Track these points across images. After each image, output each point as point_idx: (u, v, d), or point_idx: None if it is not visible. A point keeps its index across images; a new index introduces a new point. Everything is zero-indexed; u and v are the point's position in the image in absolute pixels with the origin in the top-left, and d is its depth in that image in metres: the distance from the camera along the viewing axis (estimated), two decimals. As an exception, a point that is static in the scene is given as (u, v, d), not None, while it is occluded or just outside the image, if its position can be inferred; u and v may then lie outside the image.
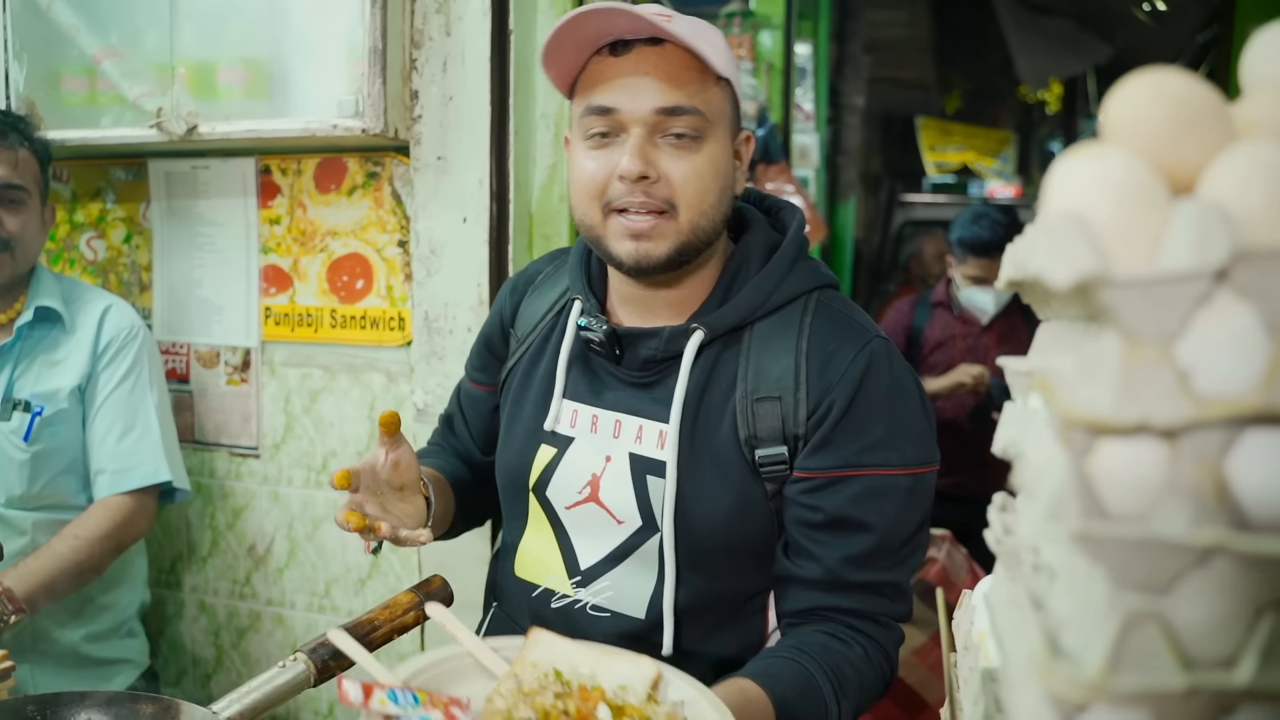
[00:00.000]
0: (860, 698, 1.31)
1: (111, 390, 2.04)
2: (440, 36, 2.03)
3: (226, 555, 2.41)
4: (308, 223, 2.25)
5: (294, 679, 1.27)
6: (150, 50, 2.23)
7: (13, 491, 1.97)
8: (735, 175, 1.34)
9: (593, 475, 1.38)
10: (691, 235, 1.28)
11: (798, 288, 1.35)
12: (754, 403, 1.30)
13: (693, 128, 1.25)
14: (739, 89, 1.36)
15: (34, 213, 2.01)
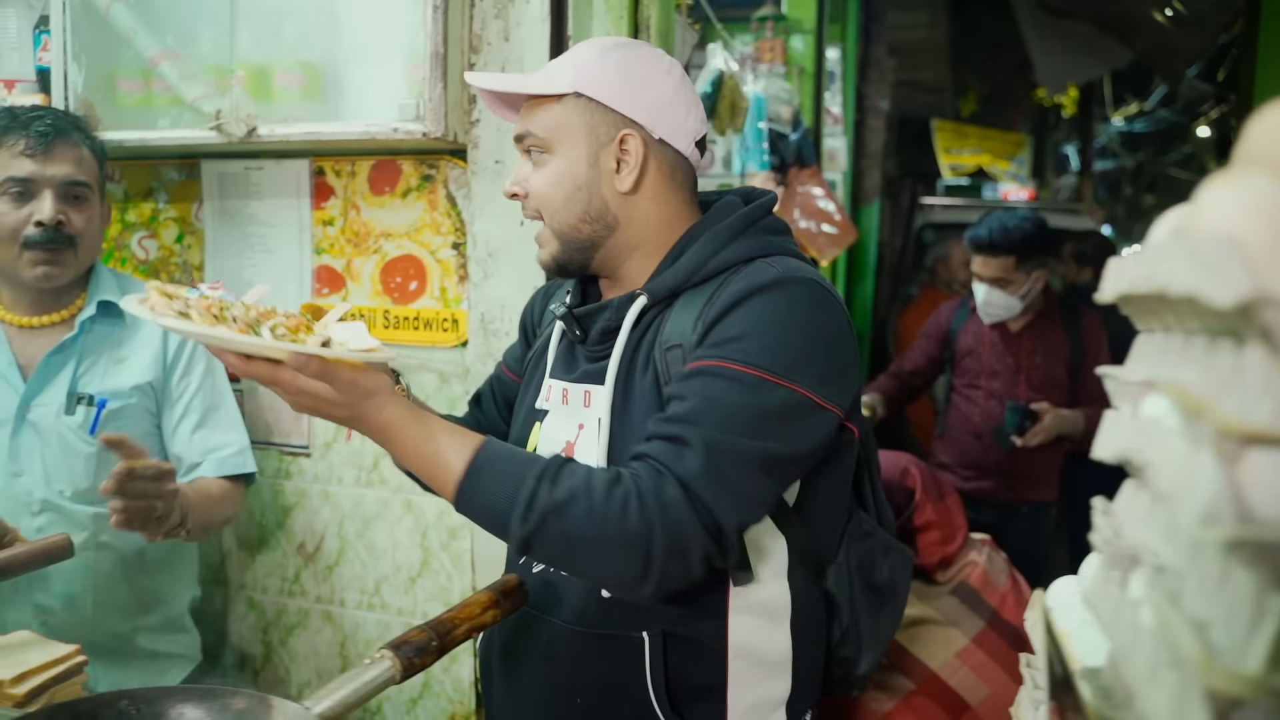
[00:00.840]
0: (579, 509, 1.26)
1: (196, 387, 2.08)
2: (499, 41, 2.06)
3: (276, 553, 2.44)
4: (361, 224, 2.28)
5: (380, 675, 1.30)
6: (207, 53, 2.27)
7: (78, 485, 1.99)
8: (600, 174, 1.43)
9: (566, 443, 1.48)
10: (558, 236, 1.46)
11: (737, 255, 1.42)
12: (665, 351, 1.40)
13: (535, 145, 1.45)
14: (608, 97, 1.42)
15: (96, 210, 2.03)
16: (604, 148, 1.43)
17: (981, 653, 2.31)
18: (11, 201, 1.94)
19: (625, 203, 1.45)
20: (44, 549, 1.73)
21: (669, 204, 1.48)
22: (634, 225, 1.46)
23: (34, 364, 2.00)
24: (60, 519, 1.98)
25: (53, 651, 1.65)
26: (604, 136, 1.43)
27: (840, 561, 1.51)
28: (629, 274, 1.50)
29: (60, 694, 1.61)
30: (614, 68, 1.44)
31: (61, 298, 2.04)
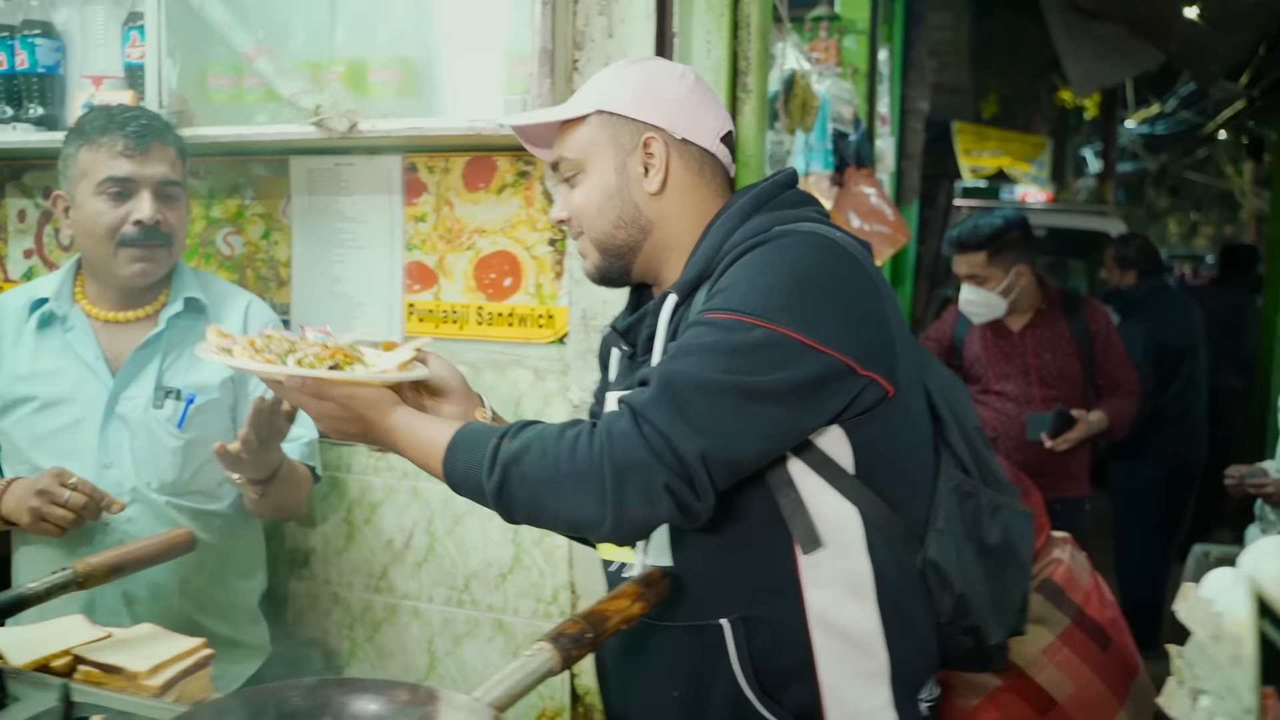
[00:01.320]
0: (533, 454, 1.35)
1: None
2: (602, 38, 2.06)
3: (363, 549, 2.44)
4: (454, 220, 2.28)
5: (541, 666, 1.30)
6: (300, 48, 2.27)
7: (164, 478, 2.01)
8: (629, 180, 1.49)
9: None
10: (598, 246, 1.52)
11: (749, 234, 1.42)
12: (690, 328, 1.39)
13: (569, 169, 1.52)
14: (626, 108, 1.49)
15: (185, 210, 2.07)
16: (629, 155, 1.49)
17: (1067, 650, 2.31)
18: (110, 200, 1.96)
19: (655, 204, 1.50)
20: (168, 543, 1.73)
21: (700, 200, 1.51)
22: (667, 225, 1.51)
23: (120, 358, 2.03)
24: (148, 510, 2.01)
25: (180, 644, 1.65)
26: (628, 144, 1.49)
27: (941, 527, 1.47)
28: (669, 275, 1.53)
29: (190, 686, 1.61)
30: (628, 80, 1.52)
31: (146, 294, 2.07)
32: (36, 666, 1.57)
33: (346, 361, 1.52)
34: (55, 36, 2.51)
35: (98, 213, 1.95)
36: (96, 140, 1.97)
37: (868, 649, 1.45)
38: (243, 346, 1.50)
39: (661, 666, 1.51)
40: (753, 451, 1.37)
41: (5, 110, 2.52)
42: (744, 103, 2.10)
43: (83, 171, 1.98)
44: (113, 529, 1.97)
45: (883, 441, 1.43)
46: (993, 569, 1.53)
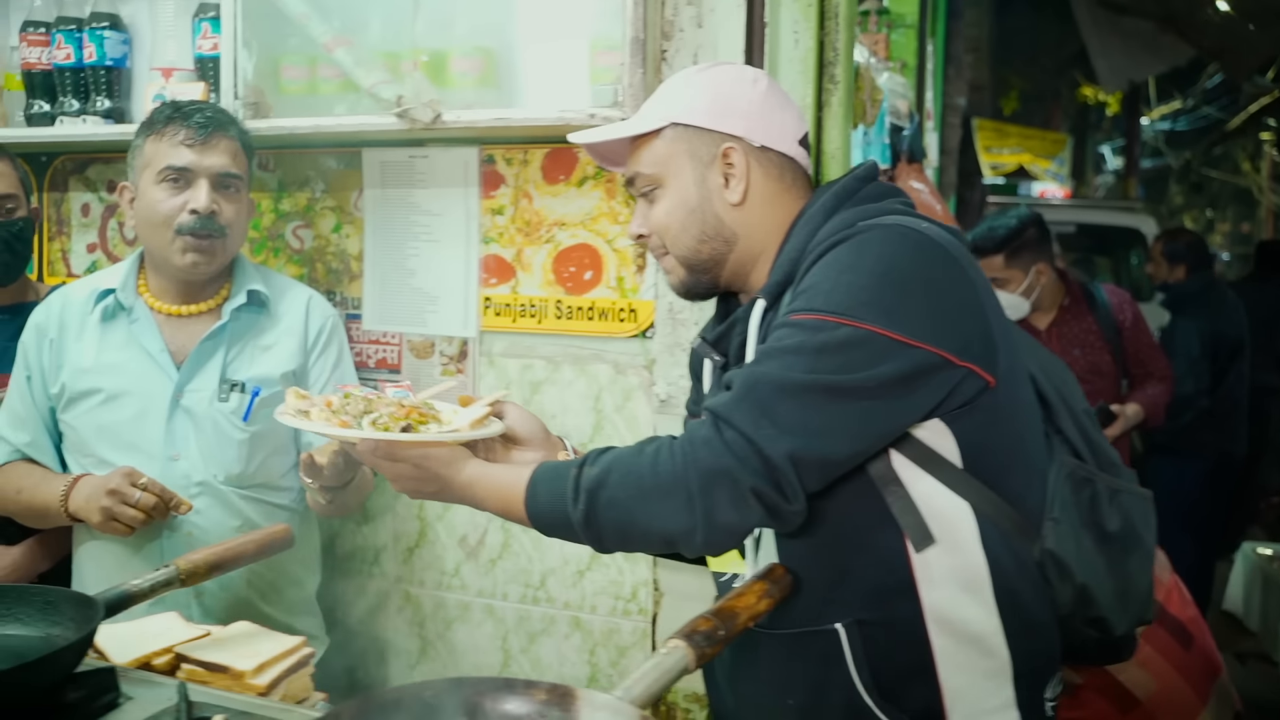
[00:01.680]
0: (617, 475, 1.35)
1: (328, 377, 2.11)
2: (691, 28, 2.03)
3: (435, 546, 2.41)
4: (533, 213, 2.25)
5: (677, 663, 1.27)
6: (377, 39, 2.24)
7: (230, 470, 2.02)
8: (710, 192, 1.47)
9: None
10: (682, 262, 1.51)
11: (832, 233, 1.40)
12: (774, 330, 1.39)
13: (646, 184, 1.51)
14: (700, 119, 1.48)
15: (244, 204, 2.07)
16: (708, 167, 1.48)
17: (1150, 648, 2.28)
18: (169, 189, 1.97)
19: (738, 214, 1.49)
20: (267, 539, 1.72)
21: (782, 206, 1.51)
22: (752, 234, 1.49)
23: (184, 351, 2.03)
24: (216, 502, 2.01)
25: (281, 642, 1.63)
26: (706, 156, 1.47)
27: (1057, 516, 1.44)
28: (756, 282, 1.52)
29: (293, 684, 1.59)
30: (700, 90, 1.50)
31: (208, 287, 2.07)
32: (139, 665, 1.55)
33: (421, 421, 1.55)
34: (123, 29, 2.49)
35: (156, 201, 1.97)
36: (161, 130, 1.99)
37: (988, 648, 1.42)
38: (320, 408, 1.56)
39: (775, 675, 1.48)
40: (844, 451, 1.34)
41: (72, 103, 2.50)
42: (831, 94, 2.07)
43: (146, 161, 2.00)
44: (181, 522, 1.97)
45: (989, 432, 1.40)
46: (1115, 556, 1.49)
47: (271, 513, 2.04)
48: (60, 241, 2.72)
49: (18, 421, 2.07)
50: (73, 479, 1.97)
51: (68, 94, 2.50)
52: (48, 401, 2.06)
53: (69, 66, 2.49)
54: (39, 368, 2.06)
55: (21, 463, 2.06)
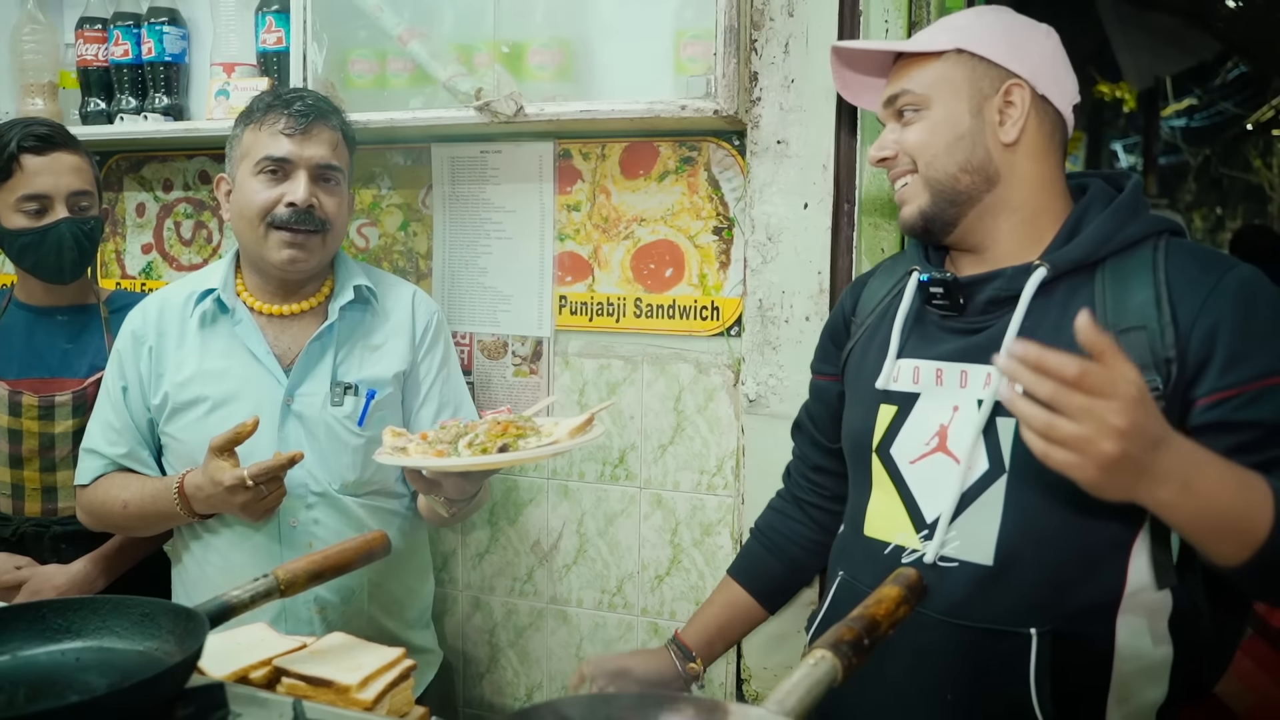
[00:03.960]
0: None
1: (434, 377, 2.01)
2: (782, 17, 1.97)
3: (506, 552, 2.35)
4: (611, 209, 2.19)
5: (825, 675, 1.21)
6: (450, 30, 2.19)
7: (346, 477, 1.92)
8: (985, 124, 1.40)
9: (940, 426, 1.43)
10: (932, 187, 1.42)
11: (1144, 229, 1.38)
12: (1118, 334, 1.31)
13: (910, 104, 1.43)
14: (990, 52, 1.40)
15: (345, 198, 1.96)
16: (987, 99, 1.41)
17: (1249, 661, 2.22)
18: (266, 180, 1.87)
19: (1007, 156, 1.41)
20: (364, 547, 1.64)
21: (1048, 165, 1.44)
22: (1013, 182, 1.42)
23: (289, 353, 1.93)
24: (334, 511, 1.92)
25: (382, 654, 1.56)
26: (988, 89, 1.41)
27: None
28: (996, 239, 1.44)
29: (396, 698, 1.53)
30: (995, 25, 1.44)
31: (309, 284, 1.97)
32: (236, 678, 1.49)
33: (519, 435, 1.55)
34: (181, 24, 2.44)
35: (252, 193, 1.86)
36: (260, 119, 1.88)
37: (1157, 678, 1.38)
38: (416, 443, 1.60)
39: (939, 667, 1.41)
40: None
41: (129, 101, 2.45)
42: (921, 85, 2.01)
43: (244, 151, 1.89)
44: (300, 530, 1.88)
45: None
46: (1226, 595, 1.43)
47: (386, 520, 1.94)
48: (115, 242, 2.67)
49: (113, 434, 1.96)
50: (177, 483, 1.86)
51: (125, 91, 2.45)
52: (146, 413, 1.95)
53: (127, 63, 2.44)
54: (137, 378, 1.95)
55: (116, 474, 1.95)
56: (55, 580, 2.13)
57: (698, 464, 2.16)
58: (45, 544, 2.18)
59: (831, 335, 1.68)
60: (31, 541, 2.18)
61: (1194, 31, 7.36)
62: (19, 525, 2.18)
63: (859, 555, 1.52)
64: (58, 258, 2.10)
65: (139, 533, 2.03)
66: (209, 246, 2.58)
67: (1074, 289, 1.37)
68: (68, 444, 2.14)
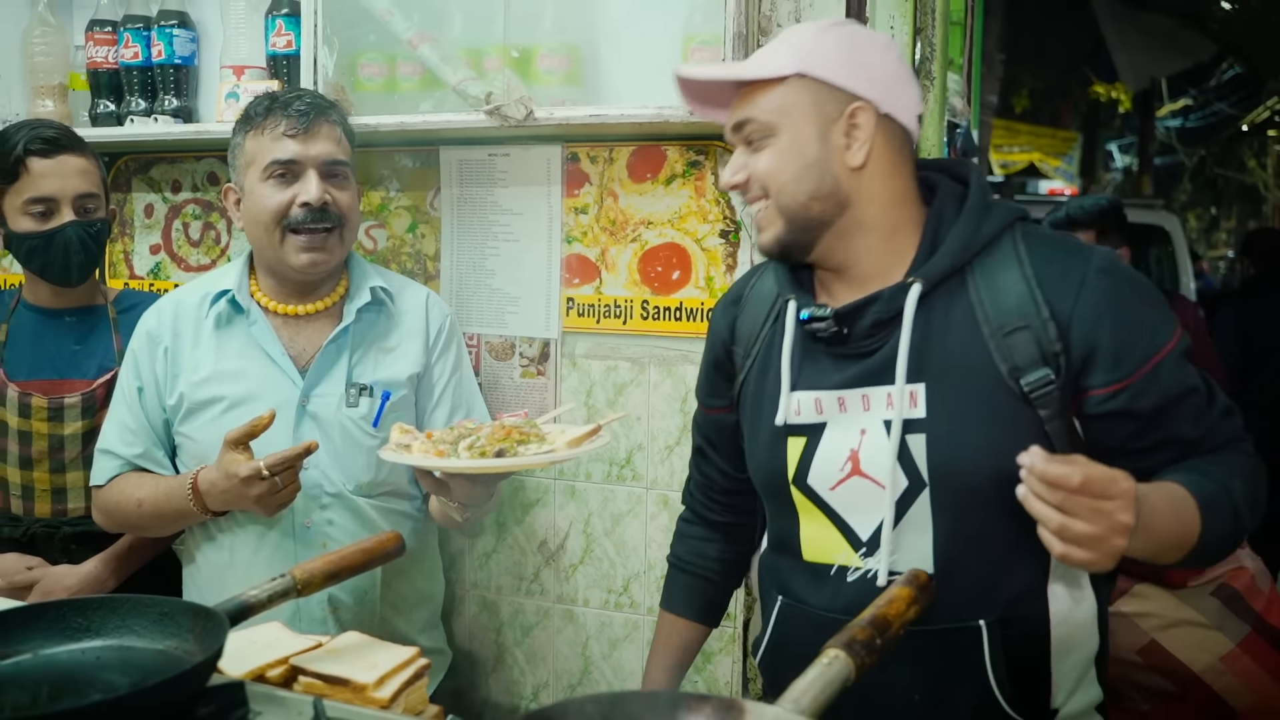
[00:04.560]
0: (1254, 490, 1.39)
1: (448, 379, 2.04)
2: (789, 23, 2.00)
3: (513, 551, 2.37)
4: (619, 212, 2.21)
5: (838, 674, 1.23)
6: (459, 35, 2.21)
7: (360, 478, 1.94)
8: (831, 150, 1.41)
9: (851, 451, 1.46)
10: (785, 214, 1.42)
11: (998, 225, 1.43)
12: (1004, 336, 1.38)
13: (757, 132, 1.42)
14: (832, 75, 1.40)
15: (355, 190, 1.98)
16: (833, 124, 1.41)
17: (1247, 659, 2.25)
18: (276, 184, 1.88)
19: (855, 179, 1.42)
20: (379, 547, 1.66)
21: (898, 179, 1.46)
22: (864, 203, 1.43)
23: (304, 354, 1.95)
24: (348, 512, 1.94)
25: (396, 653, 1.58)
26: (832, 113, 1.41)
27: None
28: (857, 257, 1.46)
29: (411, 695, 1.55)
30: (836, 45, 1.43)
31: (324, 285, 1.99)
32: (252, 677, 1.51)
33: (521, 441, 1.58)
34: (191, 27, 2.46)
35: (264, 198, 1.87)
36: (260, 125, 1.89)
37: (1088, 633, 1.49)
38: (421, 441, 1.63)
39: (906, 671, 1.46)
40: None
41: (139, 103, 2.47)
42: (927, 90, 2.05)
43: (249, 159, 1.90)
44: (314, 530, 1.90)
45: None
46: None
47: (398, 521, 1.96)
48: (123, 243, 2.68)
49: (129, 435, 1.97)
50: (191, 480, 1.86)
51: (135, 93, 2.47)
52: (162, 413, 1.97)
53: (136, 65, 2.46)
54: (152, 378, 1.97)
55: (131, 474, 1.97)
56: (66, 581, 2.15)
57: (704, 465, 2.18)
58: (56, 544, 2.19)
59: (716, 368, 1.67)
60: (42, 542, 2.20)
61: (1190, 33, 7.41)
62: (29, 526, 2.19)
63: (800, 580, 1.55)
64: (65, 261, 2.11)
65: (154, 532, 2.04)
66: (217, 248, 2.60)
67: (949, 296, 1.42)
68: (77, 445, 2.16)
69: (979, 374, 1.39)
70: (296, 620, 1.85)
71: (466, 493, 1.70)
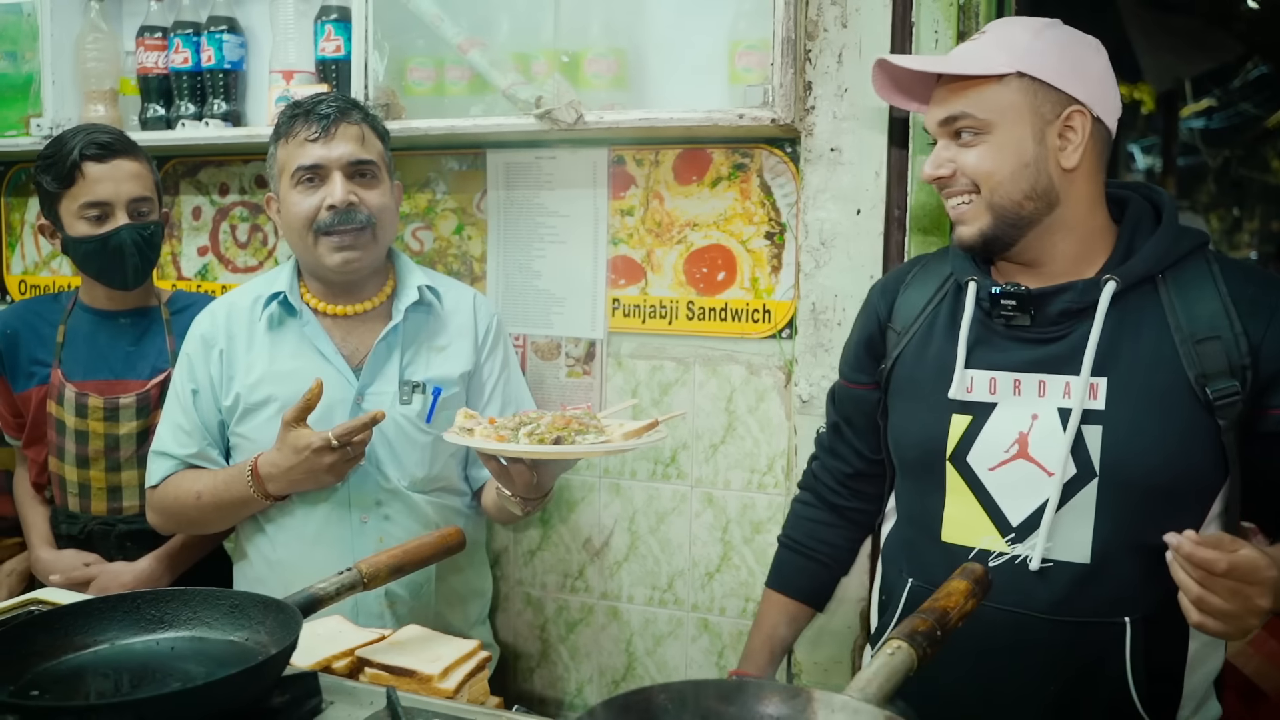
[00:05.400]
0: None
1: (497, 377, 2.07)
2: (835, 28, 2.02)
3: (558, 549, 2.40)
4: (664, 214, 2.24)
5: (901, 664, 1.26)
6: (507, 39, 2.24)
7: (414, 474, 1.97)
8: (1048, 151, 1.44)
9: (1020, 433, 1.48)
10: (995, 211, 1.45)
11: (1192, 243, 1.47)
12: (1195, 344, 1.41)
13: (970, 127, 1.45)
14: (1052, 76, 1.42)
15: (386, 189, 1.99)
16: (1049, 125, 1.43)
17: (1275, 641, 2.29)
18: (304, 190, 1.91)
19: (1067, 180, 1.46)
20: (441, 542, 1.70)
21: (1099, 184, 1.50)
22: (1071, 203, 1.47)
23: (356, 353, 1.98)
24: (404, 507, 1.97)
25: (458, 646, 1.62)
26: (1049, 114, 1.43)
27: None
28: (1052, 255, 1.50)
29: (474, 687, 1.59)
30: (1053, 47, 1.45)
31: (369, 284, 2.02)
32: (319, 668, 1.55)
33: (581, 430, 1.63)
34: (240, 32, 2.50)
35: (294, 205, 1.92)
36: (286, 133, 1.94)
37: (1217, 647, 1.51)
38: (484, 425, 1.69)
39: (1042, 663, 1.48)
40: None
41: (188, 107, 2.51)
42: (970, 93, 2.05)
43: (280, 167, 1.95)
44: (370, 526, 1.94)
45: None
46: None
47: (452, 517, 2.00)
48: (171, 245, 2.72)
49: (183, 436, 2.00)
50: (250, 466, 1.90)
51: (184, 98, 2.51)
52: (217, 414, 2.00)
53: (186, 70, 2.50)
54: (208, 380, 2.00)
55: (186, 471, 1.99)
56: (122, 577, 2.19)
57: (748, 463, 2.20)
58: (111, 542, 2.24)
59: (867, 345, 1.69)
60: (98, 539, 2.24)
61: (1216, 33, 7.37)
62: (86, 523, 2.24)
63: (935, 561, 1.55)
64: (121, 264, 2.15)
65: (210, 526, 2.06)
66: (264, 249, 2.64)
67: (1141, 300, 1.45)
68: (132, 445, 2.20)
69: (1166, 375, 1.42)
70: (354, 614, 1.88)
71: (527, 481, 1.72)
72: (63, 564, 2.23)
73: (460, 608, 2.08)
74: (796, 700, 1.22)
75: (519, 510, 1.84)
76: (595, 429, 1.71)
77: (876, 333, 1.68)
